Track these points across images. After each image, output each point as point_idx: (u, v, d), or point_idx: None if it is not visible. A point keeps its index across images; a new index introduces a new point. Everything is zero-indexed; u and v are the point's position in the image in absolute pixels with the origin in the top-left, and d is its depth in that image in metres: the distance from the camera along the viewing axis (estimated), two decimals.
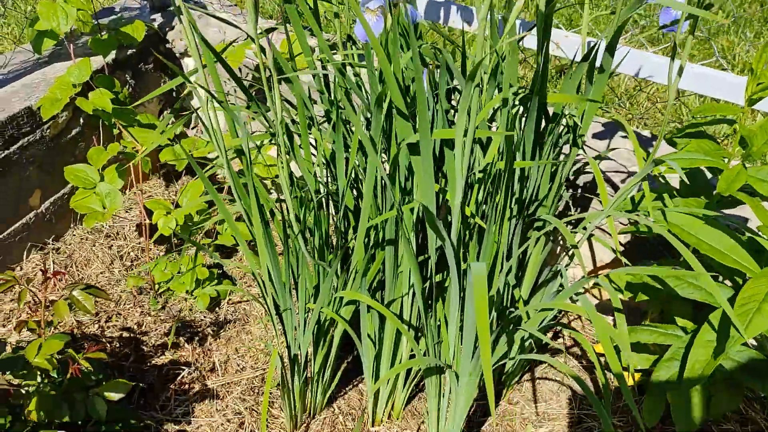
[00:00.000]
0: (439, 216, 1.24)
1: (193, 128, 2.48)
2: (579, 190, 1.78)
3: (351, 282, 1.35)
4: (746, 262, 1.05)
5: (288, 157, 1.16)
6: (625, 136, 1.91)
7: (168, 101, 2.40)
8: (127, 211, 2.24)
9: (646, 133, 1.94)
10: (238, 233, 1.30)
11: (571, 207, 1.80)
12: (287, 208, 1.23)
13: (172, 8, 2.41)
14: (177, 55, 2.33)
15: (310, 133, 1.27)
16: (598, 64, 1.24)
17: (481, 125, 1.18)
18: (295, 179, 1.33)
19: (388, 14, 1.06)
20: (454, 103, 1.40)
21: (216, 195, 1.20)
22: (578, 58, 1.75)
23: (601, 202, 1.54)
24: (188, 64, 2.36)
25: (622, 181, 1.76)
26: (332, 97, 1.29)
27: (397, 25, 1.04)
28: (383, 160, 1.36)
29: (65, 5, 1.78)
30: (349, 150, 1.21)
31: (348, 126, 1.35)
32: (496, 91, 1.26)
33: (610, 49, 1.14)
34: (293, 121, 1.32)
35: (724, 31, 2.97)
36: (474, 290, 0.92)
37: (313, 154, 1.48)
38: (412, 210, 1.20)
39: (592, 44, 1.71)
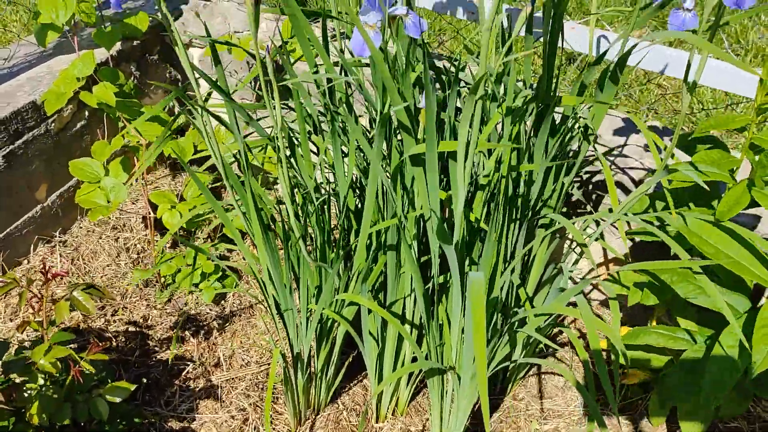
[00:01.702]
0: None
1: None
2: (590, 186, 1.76)
3: (353, 283, 1.34)
4: (765, 276, 1.03)
5: (288, 163, 1.15)
6: (639, 130, 1.88)
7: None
8: (134, 203, 2.24)
9: (657, 123, 1.91)
10: (238, 239, 1.29)
11: (583, 201, 1.77)
12: (288, 212, 1.21)
13: None
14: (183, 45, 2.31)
15: (309, 138, 1.25)
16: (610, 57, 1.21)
17: (487, 131, 1.16)
18: (297, 180, 1.32)
19: (387, 28, 1.04)
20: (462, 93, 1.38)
21: (212, 199, 1.19)
22: (585, 51, 1.72)
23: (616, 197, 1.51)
24: (193, 54, 2.34)
25: (636, 182, 1.73)
26: (332, 107, 1.27)
27: (397, 39, 1.02)
28: (384, 166, 1.35)
29: None
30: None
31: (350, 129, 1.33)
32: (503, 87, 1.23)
33: (621, 64, 1.11)
34: (308, 114, 1.30)
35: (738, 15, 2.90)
36: (471, 303, 0.90)
37: (315, 152, 1.47)
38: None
39: (600, 38, 1.68)
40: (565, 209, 1.74)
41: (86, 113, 2.02)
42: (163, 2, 1.11)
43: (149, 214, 1.93)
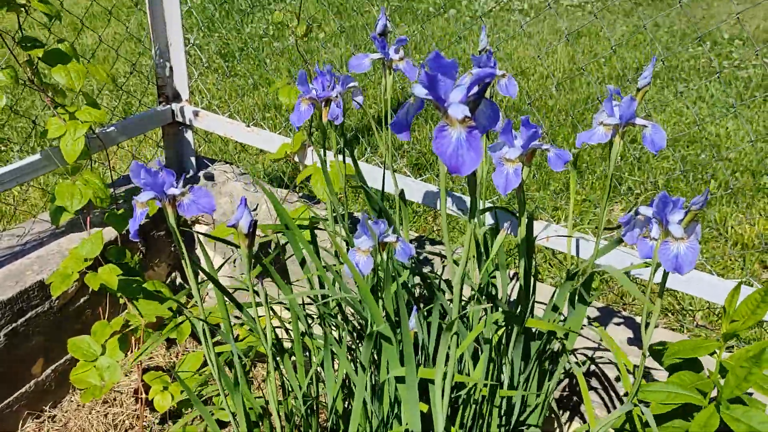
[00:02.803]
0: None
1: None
2: (572, 382, 1.79)
3: None
4: None
5: (278, 376, 1.20)
6: (618, 324, 1.94)
7: (176, 264, 2.48)
8: (126, 375, 2.26)
9: (638, 319, 1.98)
10: None
11: (557, 413, 1.80)
12: (277, 422, 1.25)
13: (189, 174, 2.55)
14: (189, 222, 2.43)
15: (302, 338, 1.31)
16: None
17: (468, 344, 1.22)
18: (287, 382, 1.36)
19: (378, 254, 1.13)
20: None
21: (201, 406, 1.23)
22: (563, 249, 1.82)
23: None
24: (199, 229, 2.46)
25: (617, 379, 1.77)
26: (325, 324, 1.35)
27: (389, 265, 1.11)
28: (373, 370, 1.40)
29: (83, 187, 1.89)
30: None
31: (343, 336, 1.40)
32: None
33: (587, 288, 1.20)
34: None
35: (716, 201, 3.07)
36: None
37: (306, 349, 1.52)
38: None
39: (579, 240, 1.79)
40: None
41: (90, 289, 2.09)
42: (173, 222, 1.21)
43: (141, 392, 1.95)
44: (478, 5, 6.14)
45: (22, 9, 1.80)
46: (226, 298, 1.27)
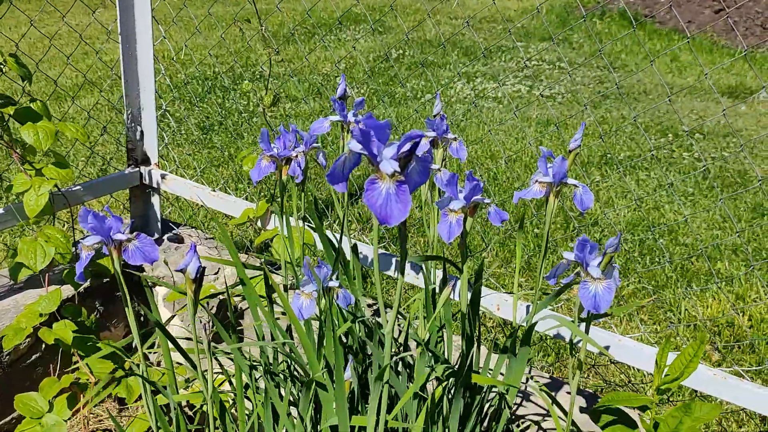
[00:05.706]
0: None
1: (155, 352, 2.53)
2: None
3: None
4: None
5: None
6: (570, 393, 1.97)
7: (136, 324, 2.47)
8: None
9: (592, 391, 2.00)
10: None
11: None
12: None
13: (155, 237, 2.58)
14: (150, 284, 2.44)
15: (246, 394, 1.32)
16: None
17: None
18: None
19: (322, 298, 1.17)
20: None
21: None
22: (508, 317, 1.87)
23: None
24: (158, 291, 2.47)
25: None
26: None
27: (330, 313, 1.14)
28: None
29: (45, 245, 1.92)
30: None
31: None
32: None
33: (526, 339, 1.24)
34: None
35: (672, 284, 3.15)
36: None
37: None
38: None
39: (527, 307, 1.84)
40: None
41: (43, 345, 2.08)
42: (117, 266, 1.25)
43: None
44: (454, 92, 6.38)
45: None
46: (171, 346, 1.29)
